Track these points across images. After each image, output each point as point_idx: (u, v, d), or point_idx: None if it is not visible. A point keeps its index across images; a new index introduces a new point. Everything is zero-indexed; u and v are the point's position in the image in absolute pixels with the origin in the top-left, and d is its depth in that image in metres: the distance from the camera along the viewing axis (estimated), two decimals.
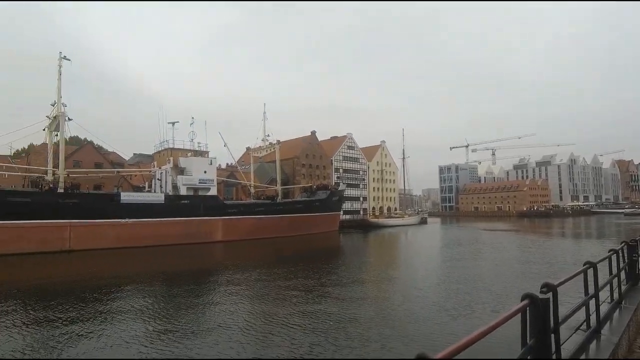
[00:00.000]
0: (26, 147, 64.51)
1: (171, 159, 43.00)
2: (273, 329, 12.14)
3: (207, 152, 46.59)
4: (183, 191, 41.28)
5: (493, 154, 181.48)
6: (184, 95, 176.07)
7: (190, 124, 45.40)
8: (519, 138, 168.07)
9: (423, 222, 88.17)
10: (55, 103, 34.85)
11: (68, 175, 36.12)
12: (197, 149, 45.71)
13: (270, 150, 56.67)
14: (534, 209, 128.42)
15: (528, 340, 2.94)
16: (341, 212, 67.78)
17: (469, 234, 54.45)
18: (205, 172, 43.01)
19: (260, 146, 56.80)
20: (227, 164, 67.79)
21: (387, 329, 12.03)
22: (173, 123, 44.62)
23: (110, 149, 54.25)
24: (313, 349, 10.39)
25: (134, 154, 66.21)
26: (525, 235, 50.52)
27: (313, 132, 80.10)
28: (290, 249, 37.80)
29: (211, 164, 44.05)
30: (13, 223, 30.26)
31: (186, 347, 10.57)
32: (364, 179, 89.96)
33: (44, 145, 39.92)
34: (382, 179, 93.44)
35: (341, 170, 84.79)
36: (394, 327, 12.32)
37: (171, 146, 44.50)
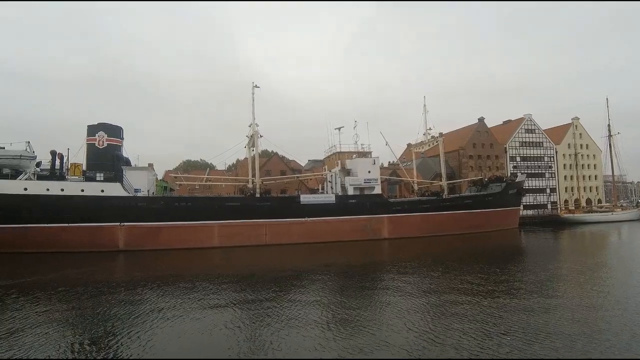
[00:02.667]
0: (234, 162, 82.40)
1: (339, 162, 46.90)
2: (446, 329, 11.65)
3: (370, 152, 48.65)
4: (350, 191, 44.34)
5: None
6: (330, 96, 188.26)
7: (354, 127, 48.36)
8: None
9: None
10: (251, 124, 43.35)
11: (262, 182, 44.22)
12: (360, 150, 48.34)
13: (433, 144, 54.40)
14: None
15: None
16: (521, 207, 58.79)
17: None
18: (369, 171, 44.98)
19: (421, 141, 55.27)
20: (389, 162, 68.85)
21: None
22: (339, 128, 48.61)
23: (291, 158, 63.34)
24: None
25: (309, 160, 75.36)
26: None
27: (481, 119, 72.48)
28: (460, 248, 35.38)
29: (374, 163, 45.72)
30: (231, 222, 39.16)
31: (357, 344, 11.33)
32: (550, 167, 75.36)
33: (246, 159, 50.03)
34: (576, 165, 75.86)
35: (518, 159, 73.59)
36: None
37: (338, 150, 48.58)
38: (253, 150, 44.36)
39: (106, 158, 36.76)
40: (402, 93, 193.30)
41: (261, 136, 43.23)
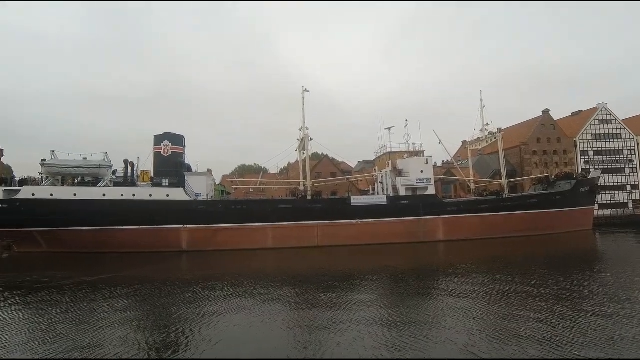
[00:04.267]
0: (286, 165, 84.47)
1: (390, 162, 46.09)
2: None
3: (422, 152, 47.22)
4: (402, 192, 43.34)
5: None
6: (378, 96, 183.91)
7: (405, 127, 47.29)
8: None
9: None
10: (301, 128, 44.25)
11: (313, 184, 44.86)
12: (412, 149, 47.09)
13: (491, 140, 51.28)
14: None
15: None
16: (595, 207, 53.15)
17: None
18: (422, 171, 43.62)
19: (478, 138, 52.39)
20: (443, 160, 66.15)
21: None
22: (389, 128, 47.85)
23: (340, 160, 63.55)
24: None
25: (358, 161, 74.95)
26: None
27: (545, 112, 66.92)
28: (524, 252, 32.94)
29: (427, 163, 44.24)
30: (284, 224, 40.21)
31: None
32: (631, 161, 67.30)
33: (297, 162, 51.10)
34: None
35: (591, 153, 66.79)
36: None
37: (389, 150, 47.81)
38: (304, 154, 45.19)
39: (170, 165, 39.76)
40: (453, 89, 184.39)
41: (311, 139, 43.96)
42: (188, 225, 37.94)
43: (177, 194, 38.27)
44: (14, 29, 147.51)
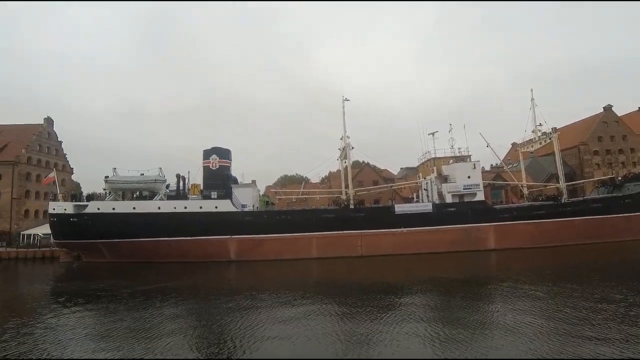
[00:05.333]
0: (327, 174, 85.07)
1: (434, 168, 44.73)
2: None
3: (468, 156, 45.30)
4: (449, 199, 41.78)
5: None
6: (420, 100, 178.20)
7: (449, 131, 45.70)
8: None
9: None
10: (342, 137, 44.41)
11: (355, 193, 44.64)
12: (458, 154, 45.38)
13: (544, 141, 48.02)
14: None
15: None
16: None
17: None
18: (469, 177, 41.82)
19: (529, 139, 49.31)
20: (491, 165, 63.05)
21: None
22: (433, 133, 46.44)
23: (382, 167, 62.80)
24: None
25: (401, 168, 73.66)
26: None
27: (607, 107, 61.62)
28: (590, 261, 30.18)
29: (474, 167, 42.32)
30: (327, 234, 40.29)
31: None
32: None
33: (339, 171, 51.24)
34: None
35: None
36: None
37: (433, 156, 46.44)
38: (345, 162, 45.21)
39: (218, 178, 41.66)
40: (499, 88, 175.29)
41: (353, 148, 43.96)
42: (236, 236, 39.32)
43: (225, 206, 39.88)
44: (77, 54, 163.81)
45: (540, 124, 47.76)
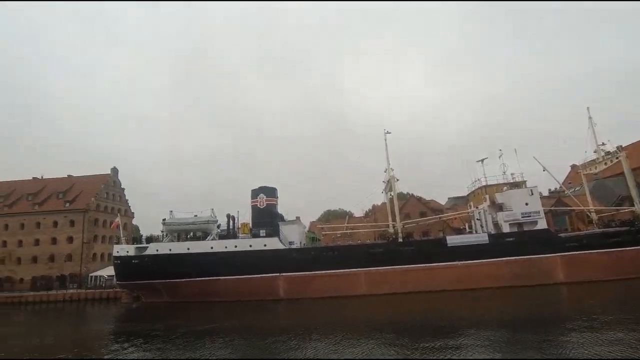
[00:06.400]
0: (371, 207, 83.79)
1: (486, 196, 42.45)
2: None
3: (523, 182, 42.63)
4: (506, 228, 39.08)
5: None
6: (462, 127, 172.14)
7: (499, 157, 43.63)
8: None
9: None
10: (386, 169, 44.04)
11: (403, 226, 43.30)
12: (511, 181, 42.89)
13: (610, 161, 44.08)
14: None
15: None
16: None
17: None
18: (526, 203, 39.06)
19: (592, 160, 45.56)
20: (549, 190, 58.66)
21: None
22: (482, 160, 44.58)
23: (428, 198, 60.82)
24: None
25: (449, 198, 70.88)
26: None
27: None
28: None
29: (532, 194, 39.54)
30: (376, 269, 38.88)
31: None
32: None
33: (384, 204, 50.36)
34: None
35: None
36: None
37: (484, 184, 44.29)
38: (390, 194, 44.44)
39: (266, 216, 42.66)
40: (549, 108, 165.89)
41: (397, 180, 43.29)
42: (284, 273, 39.31)
43: (273, 244, 40.41)
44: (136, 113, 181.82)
45: (603, 143, 44.20)
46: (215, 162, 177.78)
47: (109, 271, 52.23)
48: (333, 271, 38.86)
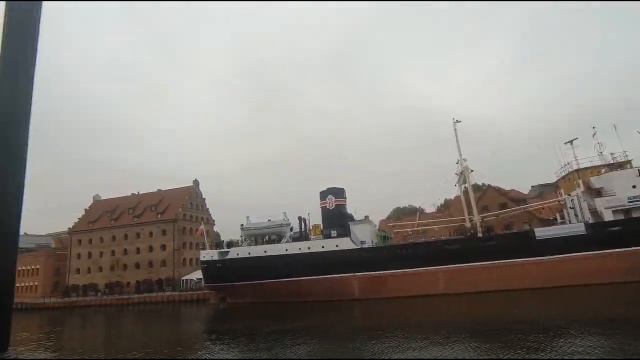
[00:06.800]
0: (442, 202, 79.37)
1: (580, 181, 37.55)
2: None
3: (628, 162, 36.82)
4: (608, 216, 34.16)
5: None
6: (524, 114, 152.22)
7: (593, 135, 38.31)
8: None
9: None
10: (458, 160, 41.49)
11: (482, 219, 40.31)
12: (611, 161, 37.36)
13: None
14: None
15: None
16: None
17: None
18: (634, 186, 33.72)
19: None
20: None
21: None
22: (571, 141, 39.42)
23: (508, 188, 55.79)
24: None
25: (532, 186, 64.32)
26: None
27: None
28: None
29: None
30: (454, 267, 36.82)
31: None
32: None
33: (458, 197, 47.48)
34: None
35: None
36: None
37: (575, 167, 39.20)
38: (464, 187, 41.76)
39: (336, 217, 43.04)
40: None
41: (472, 170, 40.46)
42: (358, 273, 39.16)
43: (345, 244, 40.55)
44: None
45: None
46: (284, 164, 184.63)
47: (197, 275, 57.16)
48: (408, 270, 37.65)
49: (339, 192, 44.52)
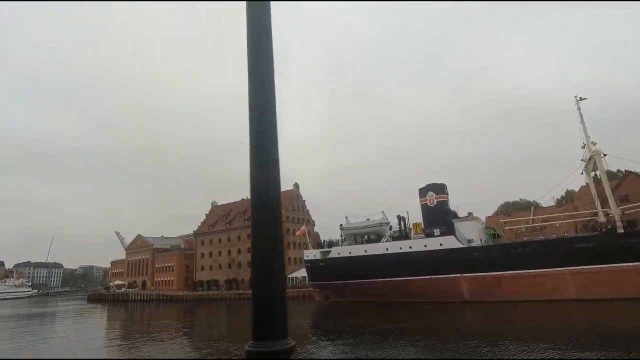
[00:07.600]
0: (563, 195, 68.95)
1: None
2: None
3: None
4: None
5: None
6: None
7: None
8: None
9: None
10: (584, 145, 35.55)
11: (623, 212, 33.80)
12: None
13: None
14: None
15: None
16: None
17: None
18: None
19: None
20: None
21: None
22: None
23: None
24: None
25: None
26: None
27: None
28: None
29: None
30: (587, 268, 31.59)
31: None
32: None
33: (583, 187, 40.83)
34: None
35: None
36: None
37: None
38: (594, 175, 35.65)
39: (437, 214, 40.92)
40: None
41: (605, 155, 34.27)
42: (466, 274, 36.55)
43: (450, 242, 38.28)
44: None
45: None
46: (380, 164, 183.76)
47: (302, 273, 60.30)
48: (527, 271, 33.67)
49: (440, 188, 42.23)
